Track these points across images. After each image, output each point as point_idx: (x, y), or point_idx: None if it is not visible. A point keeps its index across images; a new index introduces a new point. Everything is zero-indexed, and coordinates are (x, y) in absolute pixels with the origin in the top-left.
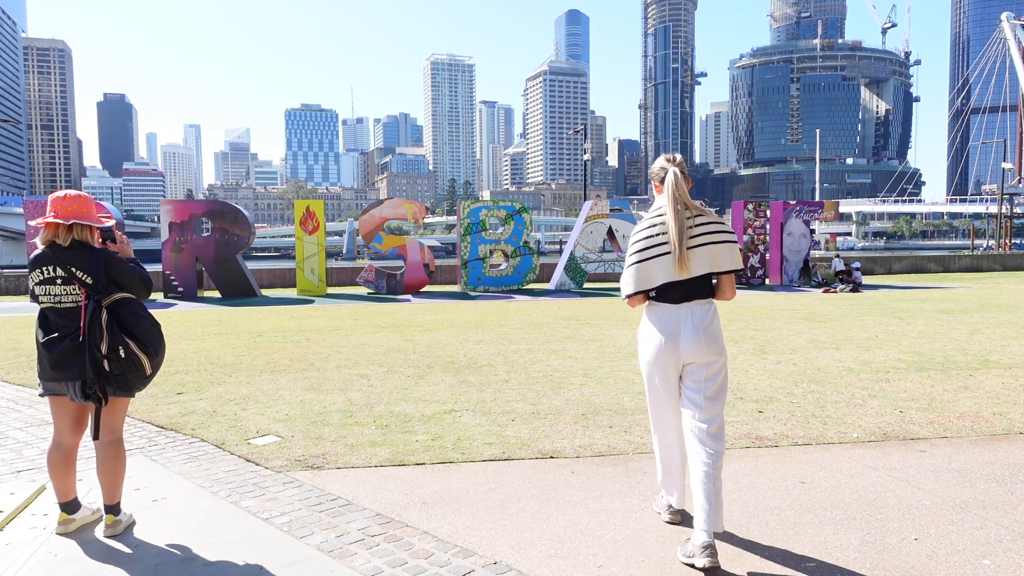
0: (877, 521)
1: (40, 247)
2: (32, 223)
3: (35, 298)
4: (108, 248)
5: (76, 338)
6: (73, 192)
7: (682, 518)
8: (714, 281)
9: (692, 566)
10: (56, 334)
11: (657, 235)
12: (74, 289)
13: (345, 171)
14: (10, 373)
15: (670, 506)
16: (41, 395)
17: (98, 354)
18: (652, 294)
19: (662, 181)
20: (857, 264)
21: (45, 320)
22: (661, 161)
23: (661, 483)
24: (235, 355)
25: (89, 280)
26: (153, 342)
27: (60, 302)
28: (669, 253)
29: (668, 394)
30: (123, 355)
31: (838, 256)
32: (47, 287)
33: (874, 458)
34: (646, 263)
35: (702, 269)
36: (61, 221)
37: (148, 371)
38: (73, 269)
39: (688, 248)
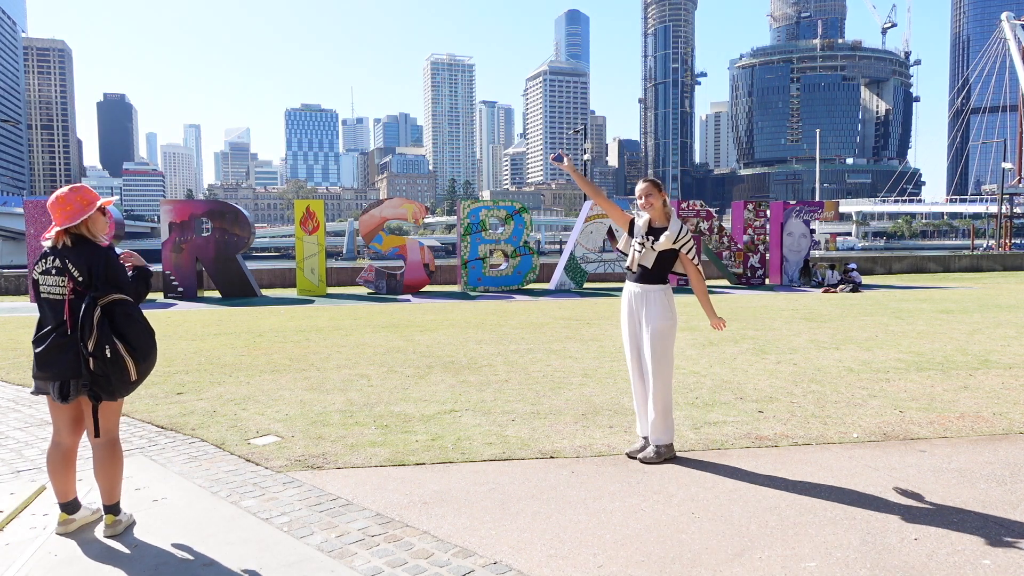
0: (877, 521)
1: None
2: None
3: (36, 291)
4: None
5: (63, 335)
6: (65, 190)
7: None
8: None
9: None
10: (45, 328)
11: None
12: (63, 281)
13: (345, 171)
14: (10, 373)
15: (645, 438)
16: (32, 393)
17: (84, 351)
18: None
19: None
20: (853, 265)
21: (42, 313)
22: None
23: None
24: (235, 355)
25: (79, 276)
26: (142, 346)
27: (51, 293)
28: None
29: None
30: (109, 355)
31: (832, 267)
32: (45, 277)
33: (874, 458)
34: None
35: None
36: (68, 226)
37: (133, 376)
38: (68, 262)
39: None
